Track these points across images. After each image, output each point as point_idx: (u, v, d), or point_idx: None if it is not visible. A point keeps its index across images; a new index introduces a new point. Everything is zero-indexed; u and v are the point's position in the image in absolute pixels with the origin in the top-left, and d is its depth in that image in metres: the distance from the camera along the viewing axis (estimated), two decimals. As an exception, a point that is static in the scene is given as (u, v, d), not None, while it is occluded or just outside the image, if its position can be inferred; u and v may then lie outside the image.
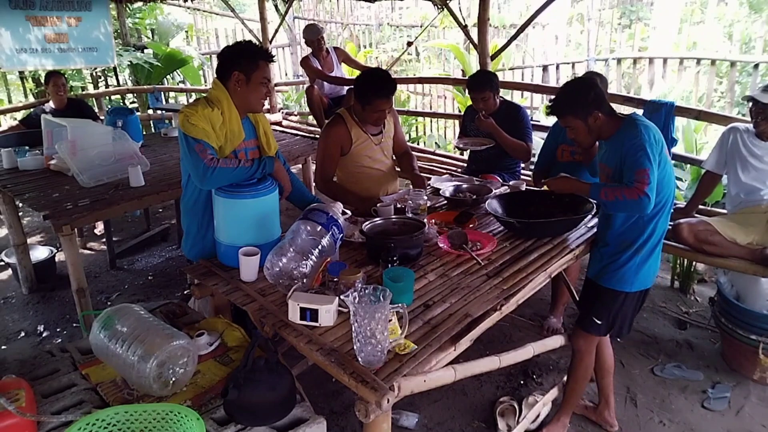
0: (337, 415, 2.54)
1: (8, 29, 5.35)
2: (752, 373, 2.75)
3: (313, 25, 5.27)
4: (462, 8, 5.48)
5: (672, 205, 2.13)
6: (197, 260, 2.16)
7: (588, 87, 2.11)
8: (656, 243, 2.13)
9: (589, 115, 2.08)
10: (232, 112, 2.07)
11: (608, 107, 2.12)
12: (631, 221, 2.10)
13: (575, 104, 2.11)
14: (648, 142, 1.97)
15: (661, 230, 2.13)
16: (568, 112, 2.13)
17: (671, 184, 2.09)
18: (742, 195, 2.84)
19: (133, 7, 7.82)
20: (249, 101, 2.10)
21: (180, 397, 1.45)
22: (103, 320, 1.55)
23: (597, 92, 2.09)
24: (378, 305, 1.42)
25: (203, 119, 1.99)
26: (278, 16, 7.17)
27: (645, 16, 10.05)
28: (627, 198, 1.96)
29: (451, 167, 4.68)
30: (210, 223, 2.13)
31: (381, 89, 2.59)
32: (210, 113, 2.02)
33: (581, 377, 2.35)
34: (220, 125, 2.04)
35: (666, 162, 2.05)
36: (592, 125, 2.10)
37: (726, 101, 6.66)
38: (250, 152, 2.21)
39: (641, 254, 2.11)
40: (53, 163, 3.52)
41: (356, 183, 2.81)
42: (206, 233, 2.17)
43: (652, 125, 2.05)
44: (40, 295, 3.79)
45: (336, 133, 2.71)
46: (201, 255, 2.19)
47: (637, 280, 2.15)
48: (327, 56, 5.16)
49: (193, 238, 2.22)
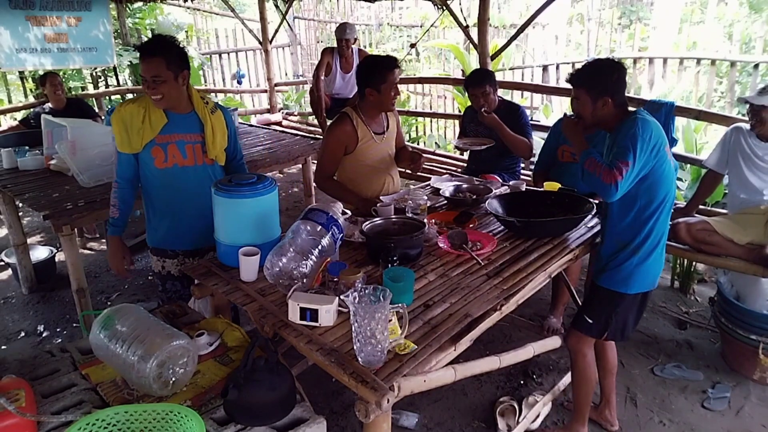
0: (337, 415, 2.54)
1: (8, 29, 5.35)
2: (752, 373, 2.75)
3: (348, 24, 5.25)
4: (462, 8, 5.47)
5: (672, 205, 2.10)
6: (147, 241, 2.45)
7: (612, 70, 2.05)
8: (655, 244, 2.08)
9: (600, 97, 2.03)
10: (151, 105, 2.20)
11: (622, 99, 2.06)
12: (629, 220, 2.06)
13: (591, 80, 2.05)
14: (640, 137, 1.92)
15: (660, 231, 2.08)
16: (582, 85, 2.08)
17: (670, 183, 2.04)
18: (743, 195, 2.85)
19: (133, 7, 7.81)
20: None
21: (180, 397, 1.45)
22: (103, 320, 1.54)
23: (617, 79, 2.03)
24: (378, 305, 1.42)
25: (119, 122, 2.17)
26: (278, 16, 7.17)
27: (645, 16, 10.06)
28: (602, 179, 1.94)
29: (451, 167, 4.69)
30: (150, 210, 2.38)
31: (388, 62, 2.61)
32: (132, 108, 2.17)
33: (580, 381, 2.29)
34: (143, 118, 2.17)
35: (664, 161, 2.00)
36: (599, 109, 2.05)
37: (726, 101, 6.66)
38: (187, 146, 2.27)
39: (639, 254, 2.07)
40: (53, 163, 3.52)
41: (358, 182, 2.80)
42: (148, 217, 2.41)
43: (654, 122, 2.00)
44: (40, 295, 3.79)
45: (342, 131, 2.70)
46: (147, 237, 2.44)
47: (635, 281, 2.10)
48: (351, 57, 5.20)
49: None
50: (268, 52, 6.95)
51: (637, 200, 2.02)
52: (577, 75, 2.11)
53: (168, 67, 2.10)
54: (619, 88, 2.04)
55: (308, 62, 10.15)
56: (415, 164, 2.80)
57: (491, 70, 3.60)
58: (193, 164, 2.29)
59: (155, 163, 2.24)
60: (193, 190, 2.30)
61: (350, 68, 5.20)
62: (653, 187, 2.00)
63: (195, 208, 2.30)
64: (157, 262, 2.44)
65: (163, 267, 2.43)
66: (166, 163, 2.25)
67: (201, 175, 2.32)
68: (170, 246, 2.39)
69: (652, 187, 2.00)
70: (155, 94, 2.13)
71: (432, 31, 8.75)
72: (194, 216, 2.32)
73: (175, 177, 2.28)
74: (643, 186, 2.00)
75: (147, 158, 2.24)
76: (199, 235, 2.34)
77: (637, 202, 2.03)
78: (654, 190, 2.00)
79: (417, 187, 3.11)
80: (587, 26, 9.08)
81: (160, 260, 2.43)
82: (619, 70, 2.06)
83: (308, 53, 10.37)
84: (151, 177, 2.28)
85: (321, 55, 5.28)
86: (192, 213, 2.32)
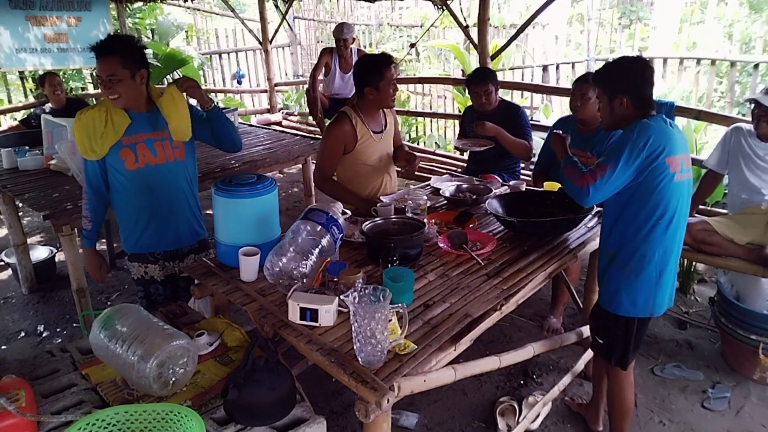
0: (337, 415, 2.54)
1: (8, 29, 5.35)
2: (752, 373, 2.75)
3: (347, 24, 5.29)
4: (462, 8, 5.48)
5: (678, 224, 1.90)
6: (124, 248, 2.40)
7: (630, 67, 1.93)
8: (646, 263, 1.90)
9: (616, 96, 1.91)
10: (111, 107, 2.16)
11: (643, 99, 1.91)
12: (615, 227, 1.95)
13: (607, 78, 1.97)
14: (631, 142, 1.81)
15: (653, 250, 1.89)
16: (599, 83, 2.01)
17: (669, 198, 1.86)
18: (743, 195, 2.85)
19: (133, 7, 7.82)
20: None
21: (180, 397, 1.45)
22: (103, 320, 1.54)
23: (635, 77, 1.90)
24: (378, 305, 1.42)
25: (80, 128, 2.13)
26: (278, 16, 7.17)
27: (645, 16, 10.06)
28: (575, 183, 1.90)
29: (451, 167, 4.69)
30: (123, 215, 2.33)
31: (384, 59, 2.62)
32: (92, 113, 2.14)
33: (613, 408, 2.20)
34: (105, 121, 2.13)
35: (661, 172, 1.82)
36: (617, 108, 1.93)
37: (726, 101, 6.66)
38: (156, 144, 2.23)
39: (626, 271, 1.93)
40: (53, 163, 3.52)
41: (356, 181, 2.80)
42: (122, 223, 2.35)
43: (660, 130, 1.84)
44: (40, 295, 3.79)
45: (341, 130, 2.70)
46: (124, 243, 2.37)
47: (622, 302, 1.96)
48: (350, 57, 5.21)
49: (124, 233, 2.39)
50: (268, 52, 6.95)
51: (623, 208, 1.91)
52: (596, 73, 2.05)
53: (124, 65, 2.06)
54: (638, 87, 1.91)
55: (308, 62, 10.14)
56: (410, 165, 2.79)
57: (493, 69, 3.60)
58: (164, 161, 2.25)
59: (126, 165, 2.18)
60: (168, 188, 2.28)
61: (349, 68, 5.21)
62: (642, 198, 1.86)
63: (172, 206, 2.30)
64: (138, 268, 2.39)
65: (145, 272, 2.39)
66: (138, 164, 2.19)
67: (175, 172, 2.29)
68: (151, 249, 2.35)
69: (640, 197, 1.86)
70: (112, 94, 2.09)
71: (432, 31, 8.75)
72: (173, 214, 2.31)
73: (149, 176, 2.23)
74: (631, 194, 1.88)
75: (116, 162, 2.18)
76: (179, 233, 2.34)
77: (624, 209, 1.91)
78: (643, 200, 1.86)
79: (417, 187, 3.11)
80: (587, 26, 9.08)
81: (141, 266, 2.38)
82: (638, 68, 1.93)
83: (308, 53, 10.36)
84: (124, 180, 2.22)
85: (319, 56, 5.30)
86: (170, 211, 2.30)
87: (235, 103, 7.79)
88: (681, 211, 1.91)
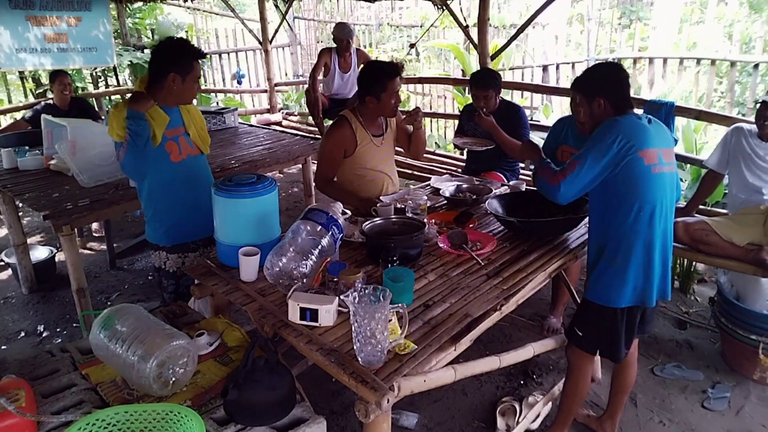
0: (337, 415, 2.54)
1: (8, 29, 5.35)
2: (752, 373, 2.75)
3: (346, 24, 5.30)
4: (462, 8, 5.48)
5: (654, 214, 1.91)
6: (160, 242, 2.42)
7: (606, 71, 2.06)
8: (632, 255, 1.93)
9: (594, 99, 2.00)
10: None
11: (619, 101, 1.99)
12: (602, 224, 1.99)
13: (585, 82, 2.06)
14: (600, 139, 1.88)
15: (638, 241, 1.91)
16: (578, 87, 2.08)
17: (645, 190, 1.88)
18: (743, 195, 2.85)
19: (133, 7, 7.81)
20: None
21: (180, 397, 1.45)
22: (103, 320, 1.55)
23: (611, 80, 2.01)
24: (378, 305, 1.42)
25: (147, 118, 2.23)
26: (278, 16, 7.17)
27: (645, 16, 10.06)
28: (548, 182, 1.97)
29: (451, 167, 4.69)
30: (167, 207, 2.36)
31: (390, 70, 2.61)
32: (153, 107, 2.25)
33: (568, 393, 2.22)
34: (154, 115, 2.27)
35: (635, 165, 1.85)
36: (595, 110, 2.01)
37: (726, 101, 6.67)
38: (183, 138, 2.35)
39: (614, 264, 1.95)
40: (53, 163, 3.52)
41: (357, 184, 2.80)
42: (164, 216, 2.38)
43: (628, 124, 1.90)
44: (40, 295, 3.79)
45: (341, 135, 2.69)
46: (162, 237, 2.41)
47: (612, 294, 1.97)
48: (349, 57, 5.21)
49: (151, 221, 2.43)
50: (268, 52, 6.95)
51: (606, 202, 1.95)
52: (575, 80, 2.13)
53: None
54: (614, 89, 2.00)
55: (308, 62, 10.14)
56: (414, 119, 2.75)
57: (498, 73, 3.58)
58: (195, 154, 2.41)
59: (171, 158, 2.31)
60: (203, 179, 2.42)
61: (349, 68, 5.20)
62: (621, 191, 1.89)
63: (207, 195, 2.34)
64: (176, 259, 2.45)
65: (183, 263, 2.45)
66: (181, 155, 2.34)
67: (203, 163, 2.48)
68: (192, 238, 2.44)
69: (618, 190, 1.90)
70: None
71: (432, 31, 8.75)
72: (208, 203, 2.35)
73: (189, 168, 2.37)
74: (610, 188, 1.92)
75: (162, 154, 2.29)
76: (210, 221, 2.38)
77: (607, 204, 1.95)
78: (622, 193, 1.89)
79: (417, 187, 3.12)
80: (587, 26, 9.08)
81: (180, 257, 2.45)
82: (614, 71, 2.06)
83: (308, 53, 10.36)
84: (167, 172, 2.32)
85: (318, 56, 5.30)
86: (206, 201, 2.33)
87: (235, 103, 7.78)
88: (664, 203, 1.94)
